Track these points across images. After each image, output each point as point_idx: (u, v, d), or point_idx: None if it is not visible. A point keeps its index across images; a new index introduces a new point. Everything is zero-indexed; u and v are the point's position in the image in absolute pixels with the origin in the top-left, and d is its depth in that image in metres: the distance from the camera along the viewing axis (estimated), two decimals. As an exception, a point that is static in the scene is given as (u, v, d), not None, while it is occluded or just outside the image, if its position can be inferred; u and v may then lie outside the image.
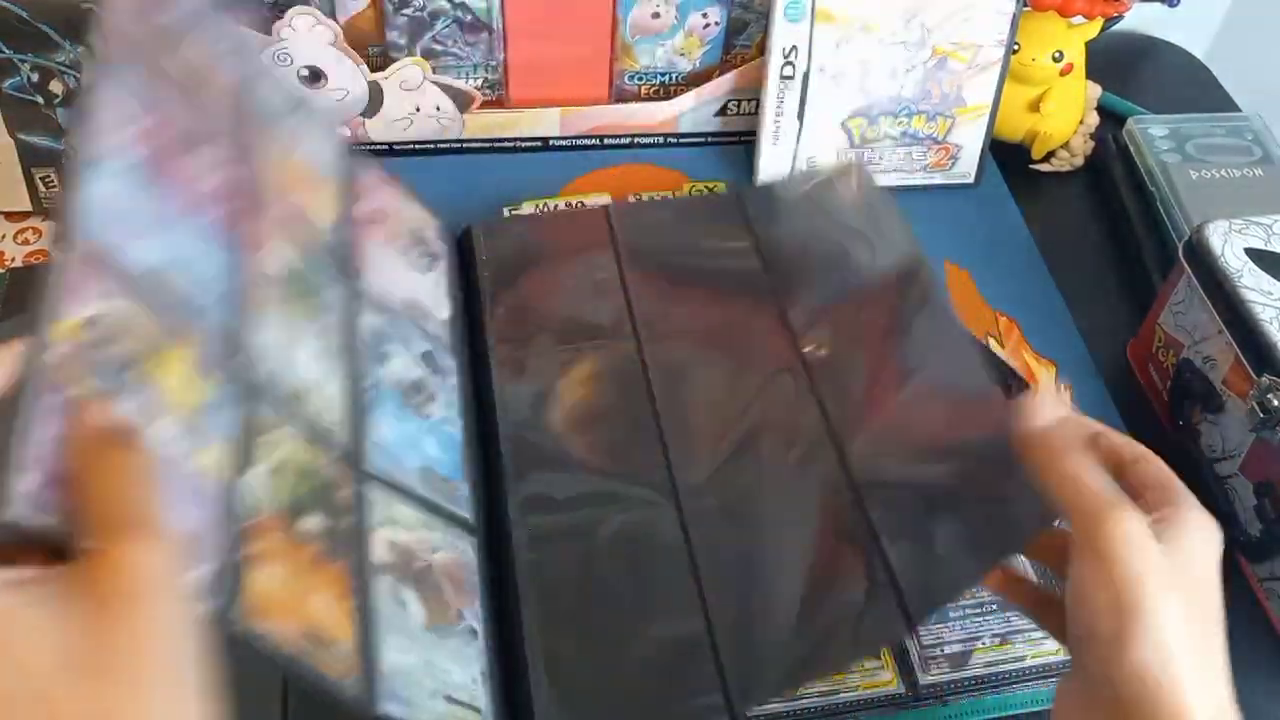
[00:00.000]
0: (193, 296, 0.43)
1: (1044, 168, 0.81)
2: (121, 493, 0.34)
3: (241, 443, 0.42)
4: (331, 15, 0.69)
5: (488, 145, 0.78)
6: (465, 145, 0.78)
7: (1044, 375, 0.67)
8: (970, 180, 0.78)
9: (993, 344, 0.69)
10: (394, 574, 0.47)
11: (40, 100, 0.67)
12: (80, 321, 0.37)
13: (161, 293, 0.41)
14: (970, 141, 0.76)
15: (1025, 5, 0.70)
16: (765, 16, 0.74)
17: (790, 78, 0.72)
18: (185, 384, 0.40)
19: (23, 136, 0.68)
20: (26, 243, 0.71)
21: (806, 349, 0.61)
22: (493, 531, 0.55)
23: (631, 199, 0.75)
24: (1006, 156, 0.81)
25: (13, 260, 0.70)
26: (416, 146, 0.77)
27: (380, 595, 0.45)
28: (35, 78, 0.66)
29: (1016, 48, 0.74)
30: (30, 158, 0.69)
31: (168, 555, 0.33)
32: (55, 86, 0.66)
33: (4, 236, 0.71)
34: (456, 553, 0.52)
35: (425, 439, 0.55)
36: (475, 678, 0.48)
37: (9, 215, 0.72)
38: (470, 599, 0.50)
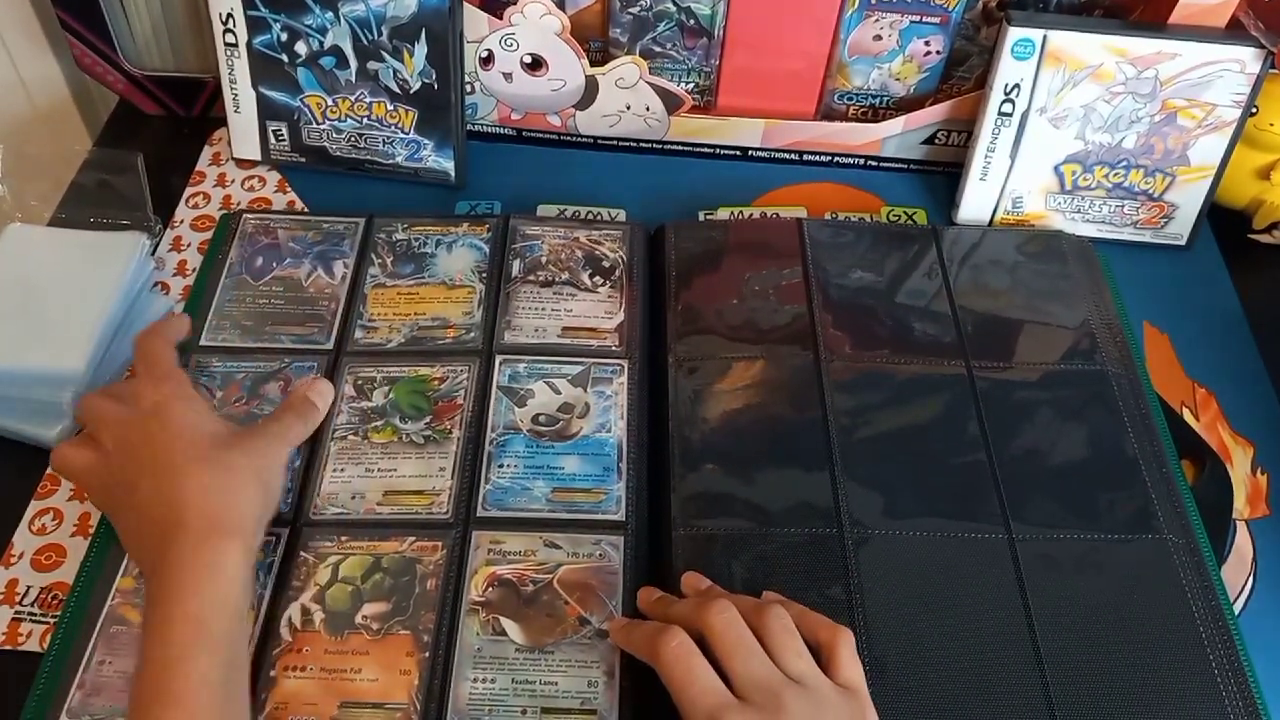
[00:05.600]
0: None
1: (1264, 239, 0.77)
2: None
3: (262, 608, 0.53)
4: (561, 7, 0.71)
5: (688, 149, 0.79)
6: (667, 146, 0.79)
7: (1240, 455, 0.64)
8: (1182, 242, 0.75)
9: (1187, 415, 0.66)
10: (491, 609, 0.52)
11: (285, 59, 0.71)
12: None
13: None
14: (1188, 202, 0.73)
15: (1272, 67, 0.67)
16: (989, 50, 0.73)
17: (1009, 115, 0.70)
18: None
19: (263, 90, 0.73)
20: (252, 189, 0.75)
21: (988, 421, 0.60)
22: (656, 522, 0.56)
23: (827, 216, 0.75)
24: (1224, 222, 0.77)
25: (238, 204, 0.74)
26: (620, 143, 0.79)
27: (469, 633, 0.52)
28: (284, 37, 0.70)
29: (1254, 111, 0.71)
30: (266, 110, 0.74)
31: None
32: (300, 47, 0.71)
33: (234, 181, 0.76)
34: (590, 560, 0.54)
35: (562, 460, 0.58)
36: (593, 681, 0.50)
37: (240, 162, 0.77)
38: (603, 602, 0.53)
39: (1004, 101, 0.70)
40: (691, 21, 0.73)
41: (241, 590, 0.48)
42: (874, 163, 0.79)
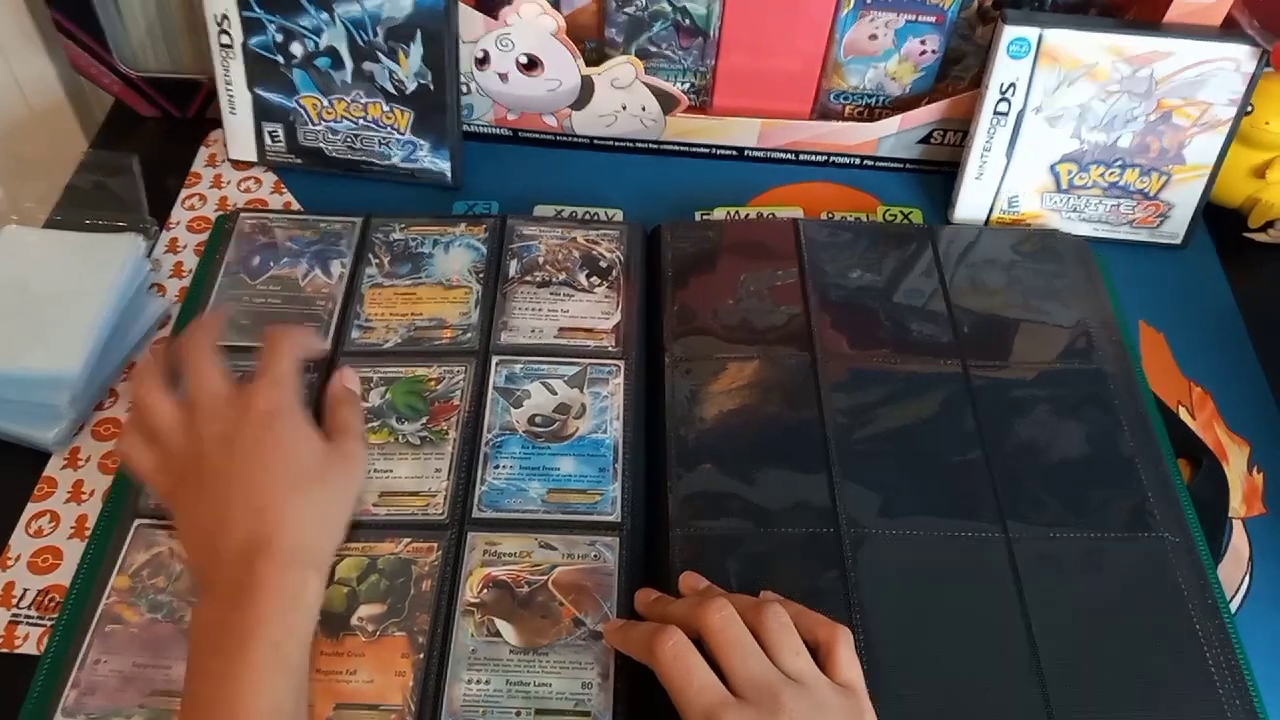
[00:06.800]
0: None
1: (1260, 237, 0.77)
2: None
3: None
4: (556, 7, 0.71)
5: (684, 149, 0.79)
6: (663, 147, 0.79)
7: (1236, 454, 0.64)
8: (1178, 241, 0.75)
9: (1183, 413, 0.66)
10: (486, 611, 0.52)
11: (280, 60, 0.71)
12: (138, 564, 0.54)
13: None
14: (1184, 201, 0.73)
15: (1268, 66, 0.67)
16: (985, 50, 0.73)
17: (1004, 114, 0.70)
18: None
19: (259, 91, 0.73)
20: (248, 190, 0.75)
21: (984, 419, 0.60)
22: (653, 522, 0.56)
23: (823, 216, 0.75)
24: (1219, 221, 0.77)
25: (234, 205, 0.74)
26: (616, 143, 0.79)
27: (464, 635, 0.52)
28: (280, 38, 0.70)
29: (1250, 110, 0.71)
30: (262, 112, 0.74)
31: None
32: (295, 48, 0.71)
33: (230, 182, 0.76)
34: (585, 560, 0.54)
35: (558, 460, 0.58)
36: (588, 682, 0.50)
37: (236, 163, 0.77)
38: (598, 603, 0.53)
39: (1000, 100, 0.70)
40: (687, 21, 0.73)
41: (314, 621, 0.48)
42: (870, 162, 0.79)
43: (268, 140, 0.75)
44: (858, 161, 0.79)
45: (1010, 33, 0.68)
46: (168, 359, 0.56)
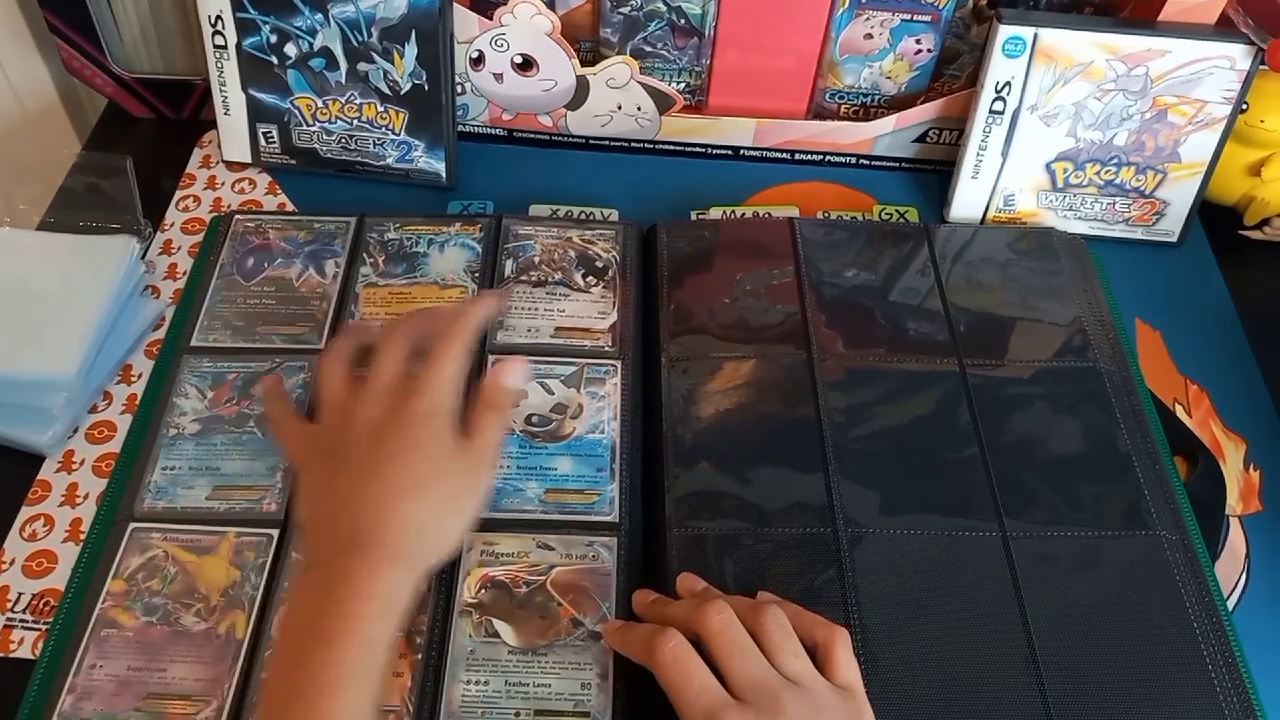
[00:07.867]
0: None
1: (1255, 235, 0.77)
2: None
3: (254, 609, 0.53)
4: (551, 7, 0.71)
5: (680, 148, 0.79)
6: (658, 146, 0.79)
7: (1232, 451, 0.64)
8: (1173, 239, 0.75)
9: (1179, 411, 0.66)
10: (484, 611, 0.52)
11: (274, 60, 0.71)
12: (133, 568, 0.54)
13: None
14: (1179, 199, 0.73)
15: (1262, 64, 0.67)
16: (980, 48, 0.73)
17: (1000, 113, 0.70)
18: (218, 573, 0.54)
19: (253, 92, 0.73)
20: (242, 192, 0.75)
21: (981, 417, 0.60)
22: (650, 522, 0.56)
23: (819, 215, 0.75)
24: (1215, 219, 0.77)
25: (228, 206, 0.74)
26: (611, 143, 0.79)
27: (461, 636, 0.52)
28: (274, 39, 0.70)
29: (1245, 108, 0.71)
30: (256, 113, 0.74)
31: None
32: (289, 49, 0.70)
33: (224, 184, 0.76)
34: (583, 561, 0.54)
35: (555, 460, 0.58)
36: (587, 683, 0.50)
37: (230, 165, 0.76)
38: (596, 603, 0.53)
39: (995, 99, 0.70)
40: (682, 21, 0.73)
41: (400, 624, 0.48)
42: (866, 161, 0.79)
43: (262, 141, 0.75)
44: (853, 160, 0.79)
45: (1005, 31, 0.68)
46: (363, 337, 0.57)
